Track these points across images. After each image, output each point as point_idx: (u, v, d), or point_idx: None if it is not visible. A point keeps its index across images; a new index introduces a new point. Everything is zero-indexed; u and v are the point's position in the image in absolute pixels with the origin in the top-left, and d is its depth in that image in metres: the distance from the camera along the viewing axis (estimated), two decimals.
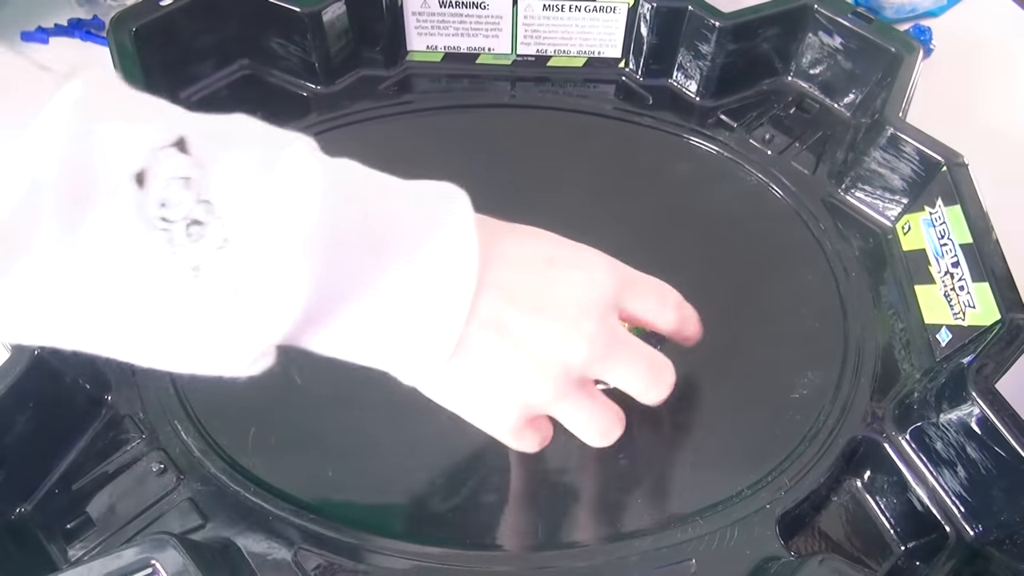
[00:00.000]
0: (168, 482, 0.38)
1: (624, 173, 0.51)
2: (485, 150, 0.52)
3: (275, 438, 0.40)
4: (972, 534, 0.38)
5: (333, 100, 0.54)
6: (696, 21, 0.52)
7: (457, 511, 0.38)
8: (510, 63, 0.57)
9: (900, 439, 0.40)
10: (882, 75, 0.51)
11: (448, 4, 0.54)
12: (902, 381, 0.43)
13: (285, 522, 0.37)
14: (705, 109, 0.55)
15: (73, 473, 0.38)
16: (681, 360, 0.43)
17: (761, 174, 0.51)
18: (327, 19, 0.52)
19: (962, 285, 0.42)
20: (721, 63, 0.53)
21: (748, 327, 0.45)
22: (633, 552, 0.37)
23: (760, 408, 0.42)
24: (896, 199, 0.48)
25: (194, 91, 0.54)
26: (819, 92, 0.55)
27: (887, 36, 0.51)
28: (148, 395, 0.41)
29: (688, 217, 0.49)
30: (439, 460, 0.40)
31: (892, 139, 0.47)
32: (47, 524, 0.37)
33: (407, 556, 0.37)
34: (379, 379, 0.42)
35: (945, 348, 0.42)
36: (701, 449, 0.40)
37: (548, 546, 0.37)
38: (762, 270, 0.47)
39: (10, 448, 0.36)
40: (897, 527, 0.39)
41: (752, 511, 0.38)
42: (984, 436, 0.36)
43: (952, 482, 0.38)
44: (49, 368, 0.37)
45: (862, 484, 0.41)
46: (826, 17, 0.52)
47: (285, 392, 0.41)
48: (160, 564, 0.30)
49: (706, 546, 0.37)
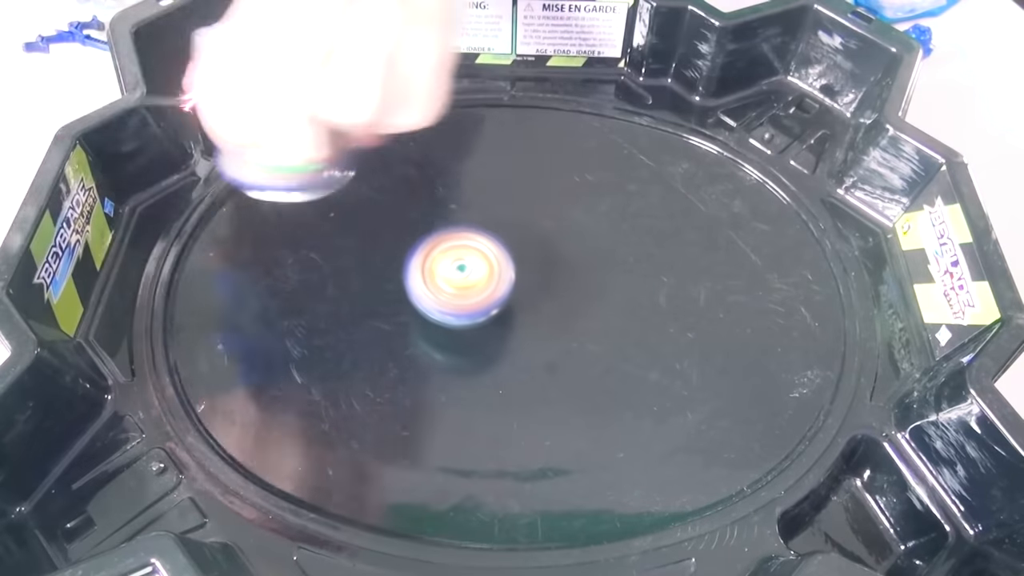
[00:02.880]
0: (168, 482, 0.38)
1: (624, 173, 0.51)
2: (485, 150, 0.52)
3: (275, 438, 0.40)
4: (972, 533, 0.38)
5: None
6: (696, 21, 0.52)
7: (457, 511, 0.38)
8: (510, 63, 0.57)
9: (900, 438, 0.40)
10: (882, 75, 0.51)
11: None
12: (902, 380, 0.43)
13: (285, 522, 0.37)
14: (705, 109, 0.55)
15: (73, 473, 0.38)
16: (682, 360, 0.43)
17: (761, 174, 0.51)
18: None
19: (961, 284, 0.42)
20: (721, 63, 0.53)
21: (748, 327, 0.45)
22: (633, 551, 0.37)
23: (760, 408, 0.42)
24: (896, 198, 0.48)
25: None
26: (819, 92, 0.55)
27: (887, 36, 0.51)
28: (148, 395, 0.41)
29: (688, 217, 0.49)
30: (439, 460, 0.40)
31: (892, 139, 0.47)
32: (47, 524, 0.37)
33: (407, 556, 0.37)
34: (379, 379, 0.42)
35: (945, 347, 0.42)
36: (701, 448, 0.40)
37: (548, 545, 0.37)
38: (762, 270, 0.47)
39: (10, 448, 0.36)
40: (897, 526, 0.39)
41: (752, 510, 0.38)
42: (984, 435, 0.36)
43: (952, 481, 0.38)
44: (49, 368, 0.37)
45: (862, 483, 0.41)
46: (826, 17, 0.52)
47: (285, 392, 0.41)
48: (160, 564, 0.30)
49: (706, 545, 0.37)
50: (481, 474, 0.39)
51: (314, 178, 0.40)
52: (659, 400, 0.42)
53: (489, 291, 0.42)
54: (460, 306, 0.42)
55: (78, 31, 0.61)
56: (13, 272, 0.38)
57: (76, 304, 0.43)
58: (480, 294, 0.42)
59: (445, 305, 0.41)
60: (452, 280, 0.42)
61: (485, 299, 0.42)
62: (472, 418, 0.41)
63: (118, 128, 0.46)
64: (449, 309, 0.42)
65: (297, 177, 0.40)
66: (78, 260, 0.43)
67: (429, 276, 0.42)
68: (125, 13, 0.50)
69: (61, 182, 0.42)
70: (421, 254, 0.43)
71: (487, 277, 0.42)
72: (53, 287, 0.41)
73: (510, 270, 0.43)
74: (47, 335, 0.38)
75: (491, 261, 0.43)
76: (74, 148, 0.43)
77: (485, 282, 0.42)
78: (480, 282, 0.42)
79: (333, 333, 0.44)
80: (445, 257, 0.43)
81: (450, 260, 0.43)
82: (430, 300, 0.42)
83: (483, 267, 0.43)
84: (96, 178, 0.45)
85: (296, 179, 0.40)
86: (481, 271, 0.42)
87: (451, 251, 0.43)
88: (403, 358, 0.43)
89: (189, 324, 0.44)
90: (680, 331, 0.44)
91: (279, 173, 0.39)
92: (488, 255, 0.43)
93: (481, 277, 0.42)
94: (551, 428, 0.41)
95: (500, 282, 0.42)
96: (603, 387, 0.42)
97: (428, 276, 0.42)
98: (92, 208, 0.45)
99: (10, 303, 0.37)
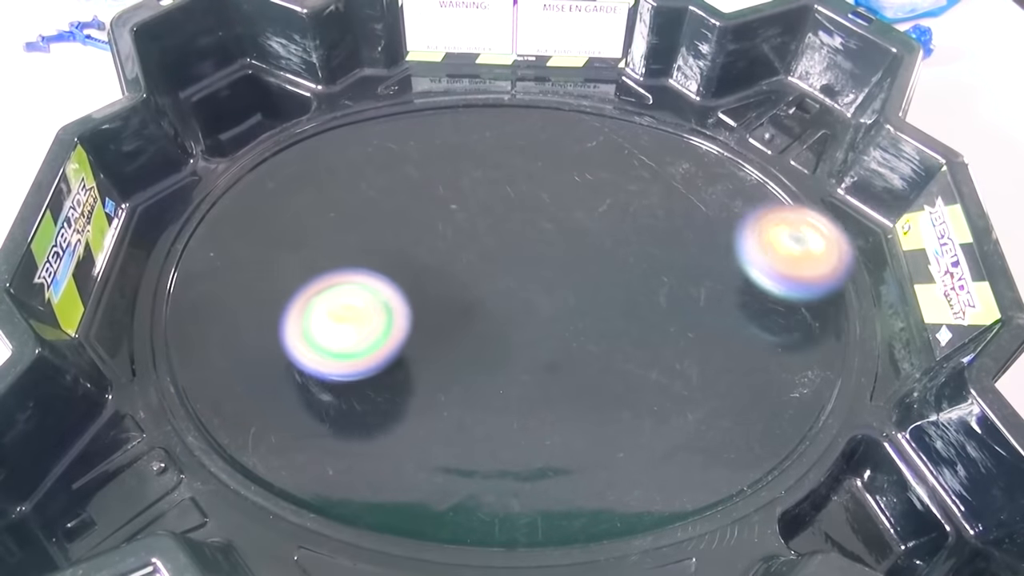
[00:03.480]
0: (168, 482, 0.38)
1: (624, 173, 0.51)
2: (485, 150, 0.52)
3: (275, 438, 0.40)
4: (972, 533, 0.38)
5: (333, 100, 0.54)
6: (696, 21, 0.52)
7: (457, 511, 0.38)
8: (510, 63, 0.57)
9: (900, 438, 0.40)
10: (882, 75, 0.51)
11: (448, 4, 0.54)
12: (902, 380, 0.43)
13: (285, 522, 0.37)
14: (705, 109, 0.55)
15: (73, 473, 0.38)
16: (682, 360, 0.43)
17: (761, 174, 0.51)
18: (327, 19, 0.52)
19: (962, 284, 0.42)
20: (721, 63, 0.53)
21: (748, 327, 0.45)
22: (633, 551, 0.37)
23: (760, 408, 0.42)
24: (896, 199, 0.48)
25: (194, 91, 0.54)
26: (819, 92, 0.55)
27: (887, 36, 0.51)
28: (148, 395, 0.41)
29: (688, 217, 0.49)
30: (439, 460, 0.40)
31: (892, 139, 0.47)
32: (47, 524, 0.37)
33: (407, 556, 0.37)
34: (379, 379, 0.42)
35: (945, 347, 0.42)
36: (701, 448, 0.40)
37: (548, 544, 0.37)
38: None
39: (10, 448, 0.36)
40: (897, 526, 0.39)
41: (752, 510, 0.38)
42: (984, 435, 0.36)
43: (952, 481, 0.38)
44: (50, 368, 0.37)
45: (862, 483, 0.41)
46: (826, 17, 0.52)
47: (285, 392, 0.41)
48: (160, 564, 0.30)
49: (706, 545, 0.37)
50: (481, 474, 0.39)
51: None
52: (659, 400, 0.42)
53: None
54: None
55: (78, 31, 0.61)
56: (14, 272, 0.38)
57: (77, 304, 0.43)
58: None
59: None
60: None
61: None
62: (472, 418, 0.41)
63: (118, 128, 0.46)
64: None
65: None
66: (79, 260, 0.43)
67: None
68: (125, 13, 0.50)
69: (62, 182, 0.42)
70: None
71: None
72: (54, 287, 0.41)
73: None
74: (48, 335, 0.38)
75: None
76: (75, 148, 0.43)
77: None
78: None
79: None
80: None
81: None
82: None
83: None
84: (96, 178, 0.45)
85: None
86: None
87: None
88: (402, 358, 0.43)
89: (189, 324, 0.44)
90: (680, 331, 0.44)
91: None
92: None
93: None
94: (551, 428, 0.41)
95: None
96: (603, 387, 0.42)
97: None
98: (93, 208, 0.45)
99: (11, 303, 0.37)
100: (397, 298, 0.41)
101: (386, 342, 0.39)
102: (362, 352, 0.39)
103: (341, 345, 0.39)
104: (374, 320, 0.40)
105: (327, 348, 0.39)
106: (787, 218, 0.44)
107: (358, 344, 0.39)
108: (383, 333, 0.39)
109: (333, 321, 0.39)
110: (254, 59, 0.55)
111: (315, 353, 0.39)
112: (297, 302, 0.40)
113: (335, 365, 0.39)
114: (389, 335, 0.39)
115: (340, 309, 0.40)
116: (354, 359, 0.39)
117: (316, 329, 0.39)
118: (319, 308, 0.40)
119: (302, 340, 0.39)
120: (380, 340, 0.39)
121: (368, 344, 0.39)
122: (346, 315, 0.40)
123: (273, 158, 0.51)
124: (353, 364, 0.39)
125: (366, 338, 0.39)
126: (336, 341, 0.39)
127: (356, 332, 0.39)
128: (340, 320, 0.39)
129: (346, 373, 0.39)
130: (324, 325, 0.39)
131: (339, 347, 0.39)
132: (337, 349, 0.39)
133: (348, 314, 0.40)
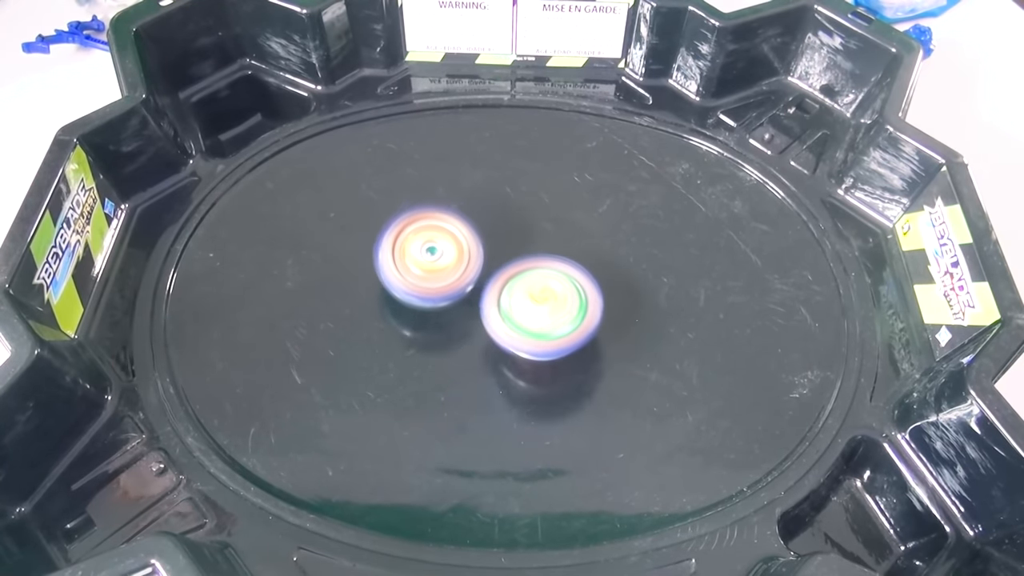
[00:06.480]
0: (168, 482, 0.38)
1: (624, 173, 0.51)
2: (485, 150, 0.52)
3: (275, 438, 0.40)
4: (972, 534, 0.38)
5: (333, 100, 0.54)
6: (696, 21, 0.52)
7: (457, 511, 0.38)
8: (510, 63, 0.57)
9: (900, 439, 0.40)
10: (882, 75, 0.51)
11: (448, 4, 0.54)
12: (902, 381, 0.43)
13: (284, 523, 0.37)
14: (705, 109, 0.55)
15: (73, 473, 0.38)
16: (682, 360, 0.43)
17: (761, 174, 0.51)
18: (327, 19, 0.52)
19: (962, 285, 0.42)
20: (721, 63, 0.53)
21: (748, 327, 0.45)
22: (633, 552, 0.37)
23: (760, 408, 0.42)
24: (896, 199, 0.48)
25: (194, 91, 0.54)
26: (819, 92, 0.55)
27: (887, 36, 0.51)
28: (148, 395, 0.41)
29: (688, 217, 0.49)
30: (439, 460, 0.40)
31: (892, 139, 0.47)
32: (47, 524, 0.37)
33: (406, 556, 0.37)
34: (379, 379, 0.42)
35: (945, 348, 0.42)
36: (701, 448, 0.40)
37: (548, 545, 0.37)
38: (762, 270, 0.47)
39: (10, 448, 0.36)
40: (897, 527, 0.39)
41: (752, 511, 0.38)
42: (983, 436, 0.36)
43: (952, 482, 0.38)
44: (49, 368, 0.37)
45: (862, 484, 0.41)
46: (826, 17, 0.52)
47: (285, 392, 0.41)
48: (160, 564, 0.30)
49: (706, 546, 0.37)
50: (481, 474, 0.39)
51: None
52: (659, 400, 0.42)
53: (458, 275, 0.42)
54: (427, 289, 0.42)
55: (78, 31, 0.61)
56: (13, 273, 0.38)
57: (76, 304, 0.43)
58: (449, 277, 0.42)
59: (413, 287, 0.42)
60: (421, 263, 0.42)
61: (454, 283, 0.42)
62: (472, 418, 0.41)
63: (118, 128, 0.46)
64: (417, 292, 0.42)
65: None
66: (78, 260, 0.43)
67: (399, 257, 0.42)
68: (125, 13, 0.50)
69: (61, 182, 0.42)
70: (392, 233, 0.43)
71: (456, 261, 0.42)
72: (53, 287, 0.41)
73: (479, 255, 0.43)
74: (47, 336, 0.38)
75: (461, 243, 0.43)
76: (74, 148, 0.43)
77: (454, 266, 0.42)
78: (449, 266, 0.42)
79: (333, 333, 0.44)
80: (416, 238, 0.43)
81: (420, 242, 0.43)
82: (399, 281, 0.42)
83: (452, 250, 0.43)
84: (96, 178, 0.45)
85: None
86: (451, 255, 0.43)
87: (422, 232, 0.43)
88: (403, 358, 0.43)
89: (189, 324, 0.44)
90: (680, 331, 0.44)
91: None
92: (459, 237, 0.43)
93: (450, 261, 0.42)
94: (551, 428, 0.41)
95: (470, 266, 0.42)
96: (603, 387, 0.43)
97: (398, 257, 0.42)
98: (92, 208, 0.45)
99: (10, 304, 0.37)
100: (591, 286, 0.42)
101: (581, 326, 0.40)
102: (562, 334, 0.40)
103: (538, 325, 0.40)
104: (569, 304, 0.41)
105: (523, 326, 0.40)
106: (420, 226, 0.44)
107: (554, 326, 0.40)
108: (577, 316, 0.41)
109: (532, 302, 0.41)
110: (254, 59, 0.55)
111: (513, 331, 0.40)
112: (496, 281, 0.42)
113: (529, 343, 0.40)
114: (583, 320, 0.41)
115: (540, 291, 0.41)
116: (550, 340, 0.40)
117: (515, 309, 0.41)
118: (519, 288, 0.41)
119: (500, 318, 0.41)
120: (575, 323, 0.40)
121: (567, 328, 0.40)
122: (545, 296, 0.41)
123: (273, 158, 0.51)
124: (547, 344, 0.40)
125: (563, 321, 0.40)
126: (534, 321, 0.40)
127: (553, 314, 0.40)
128: (539, 302, 0.41)
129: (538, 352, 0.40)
130: (523, 305, 0.41)
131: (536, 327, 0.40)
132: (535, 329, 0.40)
133: (546, 296, 0.41)
